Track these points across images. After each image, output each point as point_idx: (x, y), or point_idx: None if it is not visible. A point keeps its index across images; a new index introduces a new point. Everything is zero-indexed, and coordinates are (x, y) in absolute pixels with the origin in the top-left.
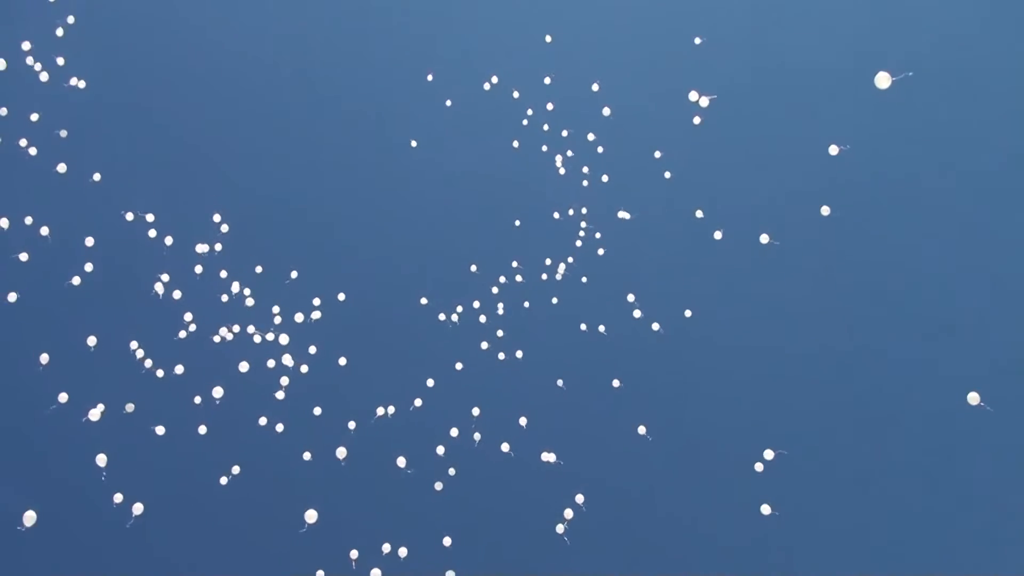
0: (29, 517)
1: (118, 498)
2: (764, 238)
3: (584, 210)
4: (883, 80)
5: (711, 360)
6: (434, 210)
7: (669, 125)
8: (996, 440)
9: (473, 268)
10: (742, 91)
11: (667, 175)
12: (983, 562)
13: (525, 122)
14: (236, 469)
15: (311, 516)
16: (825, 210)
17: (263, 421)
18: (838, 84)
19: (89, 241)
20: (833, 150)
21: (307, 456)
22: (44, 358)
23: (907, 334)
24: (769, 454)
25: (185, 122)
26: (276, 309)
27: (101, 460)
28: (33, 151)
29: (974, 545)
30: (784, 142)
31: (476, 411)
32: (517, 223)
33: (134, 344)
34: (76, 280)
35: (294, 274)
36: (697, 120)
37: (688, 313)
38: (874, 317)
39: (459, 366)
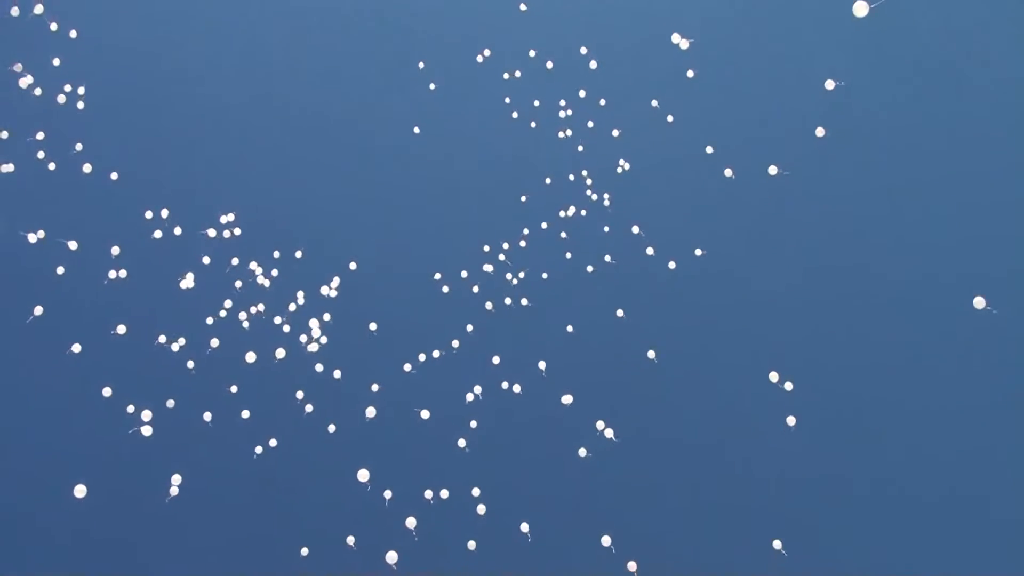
0: (80, 490)
1: (174, 491)
2: (772, 169)
3: (584, 173)
4: (860, 9)
5: (724, 290)
6: (443, 184)
7: (663, 74)
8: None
9: (486, 243)
10: (730, 32)
11: (669, 119)
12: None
13: (508, 100)
14: (273, 442)
15: (363, 475)
16: (820, 131)
17: (300, 395)
18: (822, 15)
19: (114, 249)
20: (829, 85)
21: (331, 428)
22: (76, 347)
23: (913, 259)
24: (774, 376)
25: (189, 119)
26: (300, 295)
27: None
28: (52, 166)
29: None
30: (775, 80)
31: (496, 360)
32: (523, 199)
33: (163, 337)
34: (112, 274)
35: (298, 254)
36: (691, 73)
37: (699, 252)
38: (882, 247)
39: (469, 328)
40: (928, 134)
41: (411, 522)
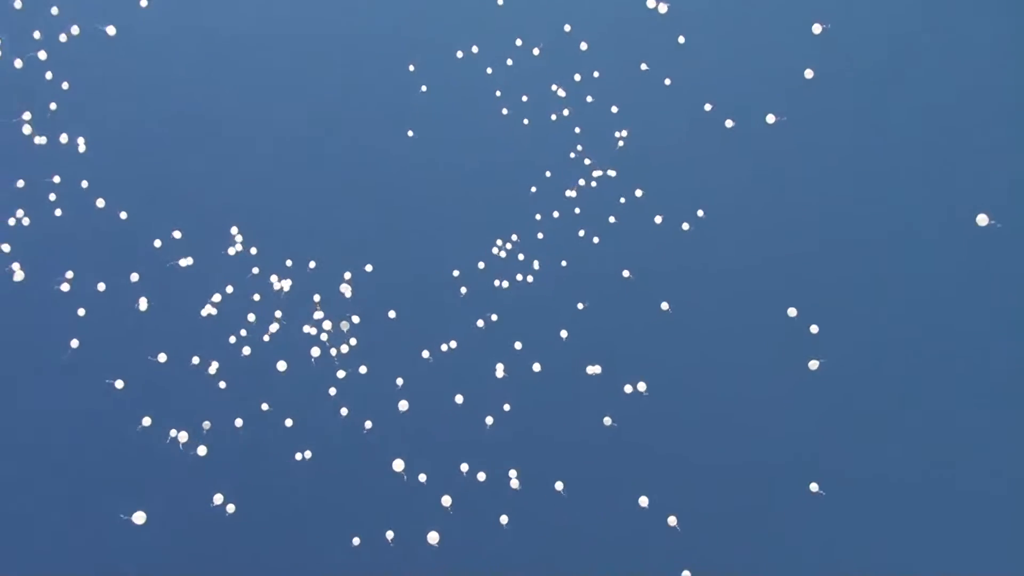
0: (139, 516)
1: (218, 499)
2: (770, 118)
3: (579, 148)
4: None
5: (735, 246)
6: (451, 180)
7: (650, 42)
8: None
9: (499, 235)
10: None
11: (667, 82)
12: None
13: (498, 93)
14: (309, 454)
15: (398, 465)
16: (809, 73)
17: (332, 391)
18: None
19: (133, 276)
20: (816, 29)
21: (368, 425)
22: (119, 384)
23: (911, 188)
24: (792, 312)
25: (182, 144)
26: (317, 297)
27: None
28: (58, 212)
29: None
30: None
31: (519, 345)
32: (533, 189)
33: (196, 359)
34: (143, 304)
35: (312, 264)
36: (682, 39)
37: (700, 213)
38: (883, 183)
39: (494, 317)
40: (914, 68)
41: (447, 500)
